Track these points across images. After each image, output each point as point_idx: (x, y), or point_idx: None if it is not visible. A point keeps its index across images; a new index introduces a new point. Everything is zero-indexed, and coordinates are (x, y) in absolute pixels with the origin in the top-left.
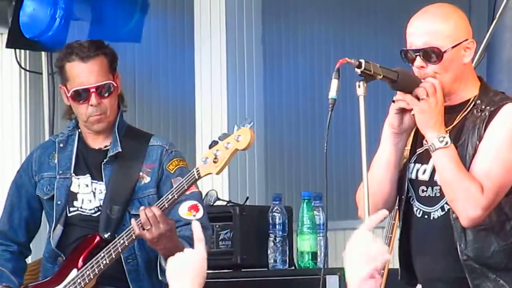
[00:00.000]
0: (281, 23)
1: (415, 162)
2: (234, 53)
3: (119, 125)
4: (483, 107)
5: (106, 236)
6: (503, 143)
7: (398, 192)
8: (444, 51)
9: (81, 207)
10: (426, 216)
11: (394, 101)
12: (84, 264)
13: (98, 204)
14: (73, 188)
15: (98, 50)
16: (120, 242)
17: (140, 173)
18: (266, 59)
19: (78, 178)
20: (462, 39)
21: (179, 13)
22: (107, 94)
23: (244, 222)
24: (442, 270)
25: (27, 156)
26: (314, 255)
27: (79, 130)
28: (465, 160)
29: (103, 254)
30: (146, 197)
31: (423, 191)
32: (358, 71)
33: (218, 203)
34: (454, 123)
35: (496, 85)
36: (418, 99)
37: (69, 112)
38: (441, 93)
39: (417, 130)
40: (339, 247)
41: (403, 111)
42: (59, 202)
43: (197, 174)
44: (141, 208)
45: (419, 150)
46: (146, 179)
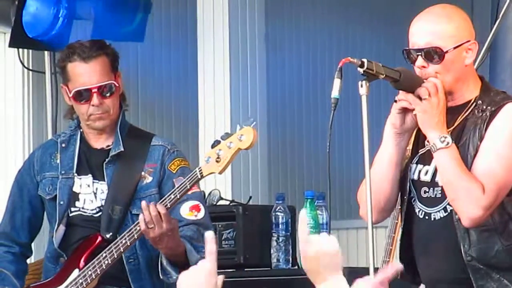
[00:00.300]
0: (284, 20)
1: (417, 163)
2: (237, 51)
3: (121, 125)
4: (484, 107)
5: (108, 236)
6: (504, 143)
7: (401, 193)
8: (446, 52)
9: (83, 208)
10: (427, 217)
11: (396, 101)
12: (86, 264)
13: (99, 204)
14: (75, 188)
15: (100, 50)
16: (122, 242)
17: (142, 173)
18: (269, 57)
19: (80, 178)
20: (465, 40)
21: (182, 11)
22: (108, 94)
23: (247, 221)
24: (445, 271)
25: (28, 156)
26: None
27: (81, 130)
28: (467, 160)
29: (104, 254)
30: (148, 197)
31: (425, 192)
32: (361, 70)
33: (221, 202)
34: (456, 124)
35: (499, 84)
36: (420, 99)
37: (71, 112)
38: (443, 93)
39: (419, 130)
40: (342, 247)
41: (405, 111)
42: (61, 202)
43: (200, 173)
44: (144, 206)
45: (421, 151)
46: (148, 179)
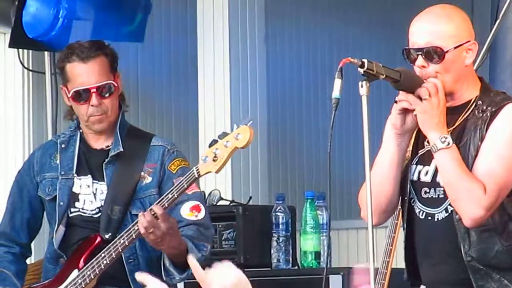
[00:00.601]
0: (284, 20)
1: (417, 164)
2: (237, 52)
3: (121, 125)
4: (484, 107)
5: (107, 236)
6: (505, 143)
7: (401, 193)
8: (446, 51)
9: (83, 208)
10: (429, 218)
11: (396, 102)
12: (85, 264)
13: (99, 204)
14: (75, 189)
15: (99, 50)
16: (120, 242)
17: (142, 173)
18: (269, 57)
19: (80, 179)
20: (465, 40)
21: (182, 12)
22: (107, 94)
23: (247, 221)
24: (446, 271)
25: (28, 157)
26: (317, 255)
27: (81, 131)
28: (468, 161)
29: (103, 254)
30: (147, 197)
31: (425, 192)
32: (361, 70)
33: (221, 202)
34: (456, 124)
35: (499, 85)
36: (421, 99)
37: (71, 112)
38: (443, 94)
39: (419, 131)
40: (342, 247)
41: (405, 112)
42: (61, 203)
43: (197, 172)
44: (140, 214)
45: (421, 152)
46: (148, 179)
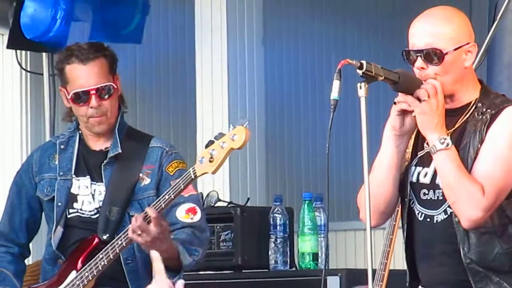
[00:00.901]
0: (282, 22)
1: (416, 165)
2: (235, 53)
3: (120, 127)
4: (484, 109)
5: (104, 237)
6: (504, 146)
7: (401, 196)
8: (446, 53)
9: (81, 209)
10: (428, 220)
11: (395, 103)
12: (83, 265)
13: (97, 205)
14: (73, 190)
15: (98, 52)
16: (118, 243)
17: (140, 175)
18: (267, 59)
19: (78, 180)
20: (464, 42)
21: (180, 13)
22: (107, 96)
23: (245, 223)
24: (445, 273)
25: (27, 157)
26: (315, 256)
27: (80, 132)
28: (467, 163)
29: (101, 256)
30: (145, 198)
31: (424, 194)
32: (360, 72)
33: (219, 204)
34: (456, 126)
35: (496, 87)
36: (420, 100)
37: (69, 114)
38: (442, 95)
39: (418, 133)
40: (340, 248)
41: (404, 113)
42: (59, 204)
43: (193, 173)
44: (133, 217)
45: (420, 153)
46: (146, 181)
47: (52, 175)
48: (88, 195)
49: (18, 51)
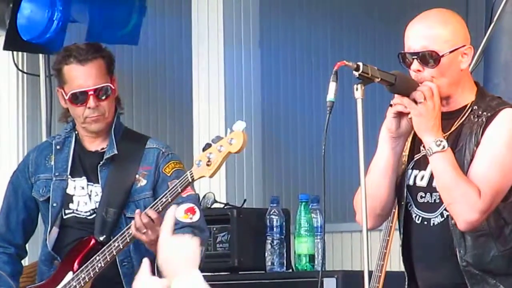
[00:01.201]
0: (279, 25)
1: (412, 168)
2: (232, 56)
3: (116, 128)
4: (480, 112)
5: (101, 239)
6: (500, 148)
7: (398, 198)
8: (442, 56)
9: (77, 210)
10: (425, 222)
11: (391, 105)
12: (80, 267)
13: (93, 206)
14: (69, 191)
15: (96, 52)
16: (115, 245)
17: (136, 176)
18: (263, 61)
19: (74, 180)
20: (460, 44)
21: (177, 15)
22: (105, 96)
23: (241, 224)
24: (442, 276)
25: (23, 157)
26: (311, 258)
27: (76, 132)
28: (463, 166)
29: (98, 257)
30: (142, 199)
31: (421, 197)
32: (356, 74)
33: (215, 205)
34: (452, 129)
35: (492, 88)
36: (416, 102)
37: (66, 115)
38: (438, 97)
39: (414, 136)
40: (336, 250)
41: (400, 115)
42: (54, 204)
43: (191, 177)
44: (136, 212)
45: (417, 156)
46: (142, 182)
47: (47, 176)
48: (85, 196)
49: (15, 53)
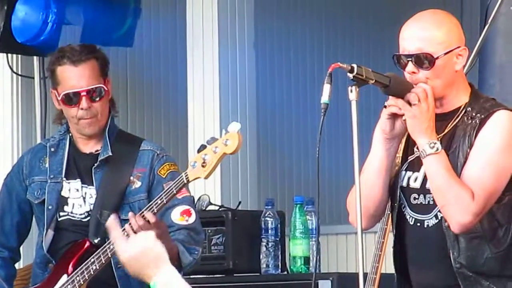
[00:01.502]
0: (273, 27)
1: (406, 170)
2: (227, 57)
3: (110, 129)
4: (473, 114)
5: (96, 241)
6: (493, 150)
7: (391, 200)
8: (436, 58)
9: (72, 212)
10: (419, 224)
11: (385, 106)
12: (74, 269)
13: (88, 209)
14: (64, 193)
15: (90, 54)
16: (110, 247)
17: (131, 178)
18: (258, 63)
19: (69, 183)
20: (455, 46)
21: (171, 17)
22: (98, 98)
23: (236, 227)
24: (435, 278)
25: (17, 160)
26: (306, 260)
27: (70, 135)
28: (457, 168)
29: (92, 260)
30: (136, 201)
31: (414, 198)
32: (350, 75)
33: (210, 207)
34: (445, 131)
35: (488, 89)
36: (410, 104)
37: (60, 117)
38: (433, 99)
39: (408, 137)
40: (331, 252)
41: (394, 116)
42: (50, 207)
43: (186, 178)
44: (130, 215)
45: (411, 158)
46: (137, 184)
47: (42, 178)
48: (79, 198)
49: (9, 55)
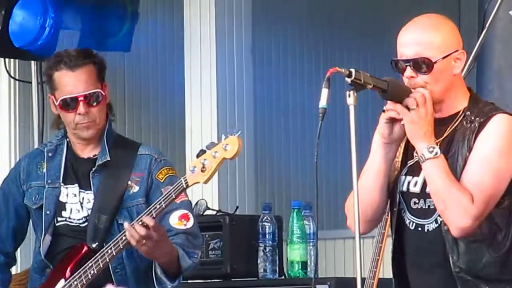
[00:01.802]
0: (271, 31)
1: (406, 175)
2: (224, 62)
3: (108, 134)
4: (472, 118)
5: (93, 246)
6: (492, 154)
7: (391, 205)
8: (435, 62)
9: (69, 217)
10: (420, 229)
11: (384, 111)
12: (72, 274)
13: (86, 214)
14: (62, 198)
15: (87, 58)
16: (107, 251)
17: (129, 182)
18: (255, 68)
19: (66, 188)
20: (453, 49)
21: (169, 21)
22: (95, 103)
23: (234, 231)
24: (435, 282)
25: (14, 165)
26: (304, 265)
27: (68, 139)
28: (456, 172)
29: (90, 264)
30: (134, 206)
31: (415, 203)
32: (348, 80)
33: (207, 212)
34: (444, 135)
35: (487, 94)
36: (408, 109)
37: (57, 121)
38: (431, 104)
39: (408, 142)
40: (329, 257)
41: (393, 121)
42: (48, 212)
43: (185, 183)
44: (127, 226)
45: (410, 162)
46: (135, 188)
47: (40, 183)
48: (77, 203)
49: (7, 59)
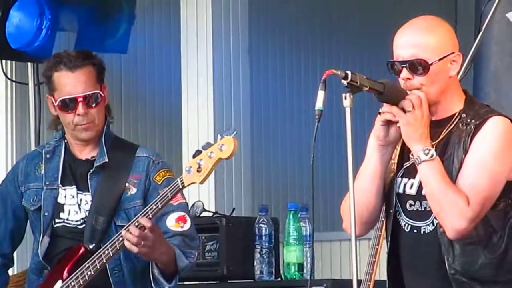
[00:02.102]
0: (268, 32)
1: (402, 177)
2: (221, 63)
3: (106, 136)
4: (468, 120)
5: (91, 247)
6: (488, 156)
7: (386, 207)
8: (431, 64)
9: (67, 219)
10: (415, 231)
11: (380, 113)
12: (69, 275)
13: (84, 215)
14: (60, 200)
15: (86, 60)
16: (105, 252)
17: (127, 184)
18: (252, 69)
19: (64, 189)
20: (449, 51)
21: (166, 22)
22: (94, 104)
23: (230, 233)
24: (431, 284)
25: (12, 166)
26: (300, 267)
27: (66, 141)
28: (452, 174)
29: (87, 265)
30: (132, 208)
31: (410, 205)
32: (345, 82)
33: (204, 214)
34: (440, 138)
35: (483, 97)
36: (404, 111)
37: (55, 122)
38: (427, 106)
39: (404, 144)
40: (325, 259)
41: (389, 123)
42: (46, 213)
43: (181, 183)
44: (124, 232)
45: (406, 164)
46: (133, 190)
47: (38, 185)
48: (75, 205)
49: (3, 61)
